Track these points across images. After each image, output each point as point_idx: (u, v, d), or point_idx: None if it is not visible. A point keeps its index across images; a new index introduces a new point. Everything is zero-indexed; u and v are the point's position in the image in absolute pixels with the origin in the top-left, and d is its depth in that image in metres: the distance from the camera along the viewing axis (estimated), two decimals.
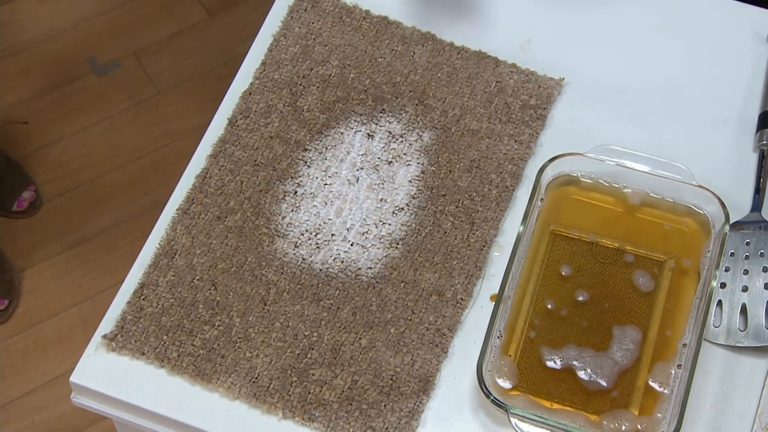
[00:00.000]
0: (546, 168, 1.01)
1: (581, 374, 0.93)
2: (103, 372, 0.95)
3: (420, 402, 0.94)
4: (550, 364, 0.94)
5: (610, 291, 0.98)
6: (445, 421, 0.94)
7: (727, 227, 0.98)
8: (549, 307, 0.96)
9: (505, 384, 0.93)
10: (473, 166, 1.06)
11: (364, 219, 1.03)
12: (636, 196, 1.02)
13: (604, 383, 0.93)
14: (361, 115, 1.09)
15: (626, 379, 0.94)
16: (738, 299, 0.98)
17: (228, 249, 1.01)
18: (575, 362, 0.94)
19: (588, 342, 0.95)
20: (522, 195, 1.04)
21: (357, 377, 0.95)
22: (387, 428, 0.92)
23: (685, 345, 0.94)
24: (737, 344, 0.96)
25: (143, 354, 0.96)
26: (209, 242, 1.02)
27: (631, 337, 0.95)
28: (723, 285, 0.99)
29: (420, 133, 1.08)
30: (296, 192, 1.05)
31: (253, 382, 0.94)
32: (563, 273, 0.98)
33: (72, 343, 1.83)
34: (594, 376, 0.93)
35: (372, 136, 1.08)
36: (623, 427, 0.91)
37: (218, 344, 0.96)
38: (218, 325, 0.97)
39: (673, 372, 0.93)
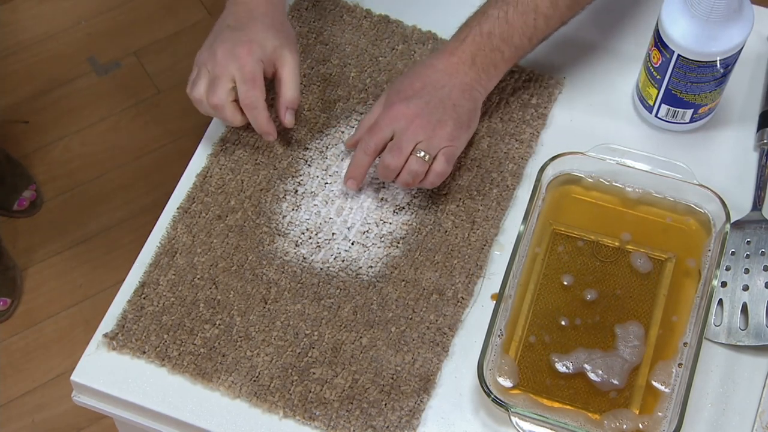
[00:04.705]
0: (547, 167, 1.01)
1: (592, 376, 0.93)
2: (104, 371, 0.95)
3: (421, 401, 0.94)
4: (562, 369, 0.94)
5: (612, 289, 0.98)
6: (445, 420, 0.94)
7: (728, 226, 0.98)
8: (563, 323, 0.96)
9: (506, 383, 0.93)
10: (474, 165, 1.06)
11: (365, 218, 1.03)
12: (637, 195, 1.02)
13: (616, 382, 0.93)
14: (362, 114, 1.09)
15: (627, 378, 0.93)
16: (739, 298, 0.98)
17: (229, 248, 1.01)
18: (586, 365, 0.94)
19: (595, 343, 0.95)
20: (523, 194, 1.04)
21: (358, 376, 0.95)
22: (388, 427, 0.92)
23: (686, 344, 0.94)
24: (738, 343, 0.96)
25: (144, 353, 0.96)
26: (210, 241, 1.02)
27: (634, 333, 0.95)
28: (724, 284, 0.99)
29: None
30: (297, 191, 1.05)
31: (254, 380, 0.94)
32: (565, 283, 0.98)
33: (73, 342, 1.83)
34: (606, 376, 0.93)
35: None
36: (624, 426, 0.91)
37: (219, 343, 0.96)
38: (219, 324, 0.97)
39: (673, 371, 0.93)
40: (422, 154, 0.97)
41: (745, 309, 0.97)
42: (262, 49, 1.00)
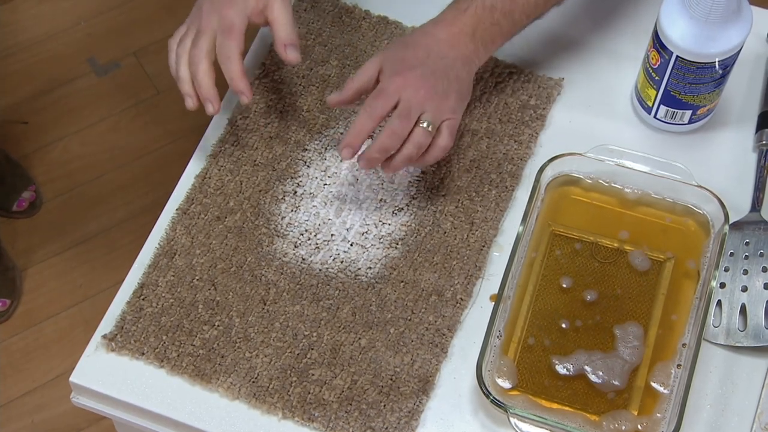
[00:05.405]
0: (545, 168, 1.01)
1: (593, 378, 0.93)
2: (103, 372, 0.95)
3: (419, 402, 0.94)
4: (563, 372, 0.94)
5: (612, 290, 0.98)
6: (444, 421, 0.94)
7: (727, 227, 0.98)
8: (563, 325, 0.96)
9: (505, 384, 0.93)
10: (473, 166, 1.06)
11: (364, 219, 1.03)
12: (635, 196, 1.02)
13: (617, 383, 0.93)
14: None
15: (627, 378, 0.94)
16: (737, 299, 0.98)
17: (227, 249, 1.01)
18: (587, 367, 0.94)
19: (594, 344, 0.95)
20: (521, 195, 1.04)
21: (357, 377, 0.95)
22: (387, 428, 0.92)
23: (684, 345, 0.94)
24: (737, 344, 0.96)
25: (143, 354, 0.96)
26: (209, 242, 1.02)
27: (633, 333, 0.95)
28: (722, 285, 0.99)
29: None
30: (296, 192, 1.05)
31: (253, 382, 0.94)
32: (564, 285, 0.98)
33: (72, 343, 1.83)
34: (607, 377, 0.93)
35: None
36: (623, 427, 0.91)
37: (218, 344, 0.96)
38: (218, 325, 0.97)
39: (672, 372, 0.93)
40: (426, 124, 0.97)
41: (743, 310, 0.97)
42: (245, 2, 1.01)
